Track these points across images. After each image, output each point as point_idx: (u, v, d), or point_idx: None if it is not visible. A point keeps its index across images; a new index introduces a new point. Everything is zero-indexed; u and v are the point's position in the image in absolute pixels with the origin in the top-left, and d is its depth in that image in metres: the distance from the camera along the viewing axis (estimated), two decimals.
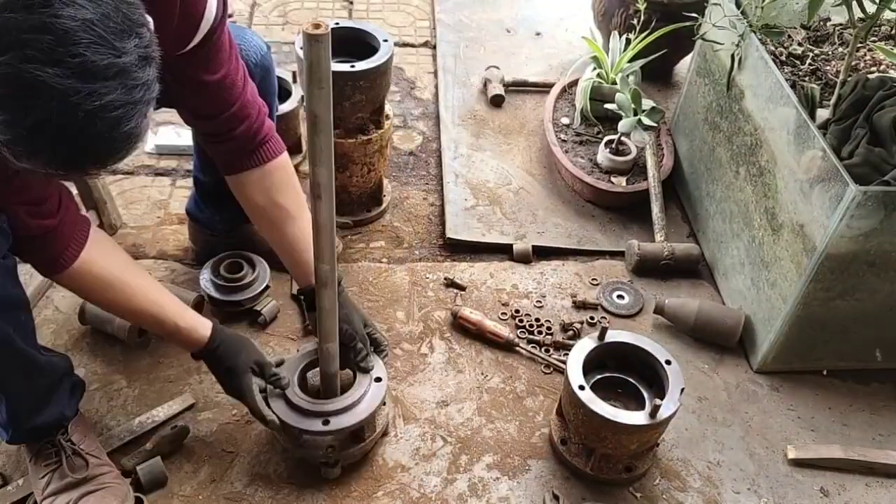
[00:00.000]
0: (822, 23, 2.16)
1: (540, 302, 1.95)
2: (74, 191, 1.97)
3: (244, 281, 1.80)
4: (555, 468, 1.61)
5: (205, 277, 1.82)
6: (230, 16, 3.00)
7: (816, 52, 2.03)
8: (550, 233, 2.14)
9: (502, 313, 1.91)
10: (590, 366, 1.57)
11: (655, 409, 1.44)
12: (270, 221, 1.51)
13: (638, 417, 1.46)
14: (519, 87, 2.61)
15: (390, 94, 2.27)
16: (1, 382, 1.34)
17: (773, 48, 2.01)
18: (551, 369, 1.80)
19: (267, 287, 1.84)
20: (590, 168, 2.25)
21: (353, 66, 1.80)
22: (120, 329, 1.71)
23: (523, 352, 1.82)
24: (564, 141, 2.33)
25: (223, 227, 1.88)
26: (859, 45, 1.82)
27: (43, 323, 1.77)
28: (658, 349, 1.57)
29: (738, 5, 1.94)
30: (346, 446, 1.54)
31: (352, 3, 3.06)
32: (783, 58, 2.00)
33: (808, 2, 1.66)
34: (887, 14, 1.72)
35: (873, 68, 1.99)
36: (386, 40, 1.88)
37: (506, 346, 1.83)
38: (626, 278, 2.03)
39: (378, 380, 1.55)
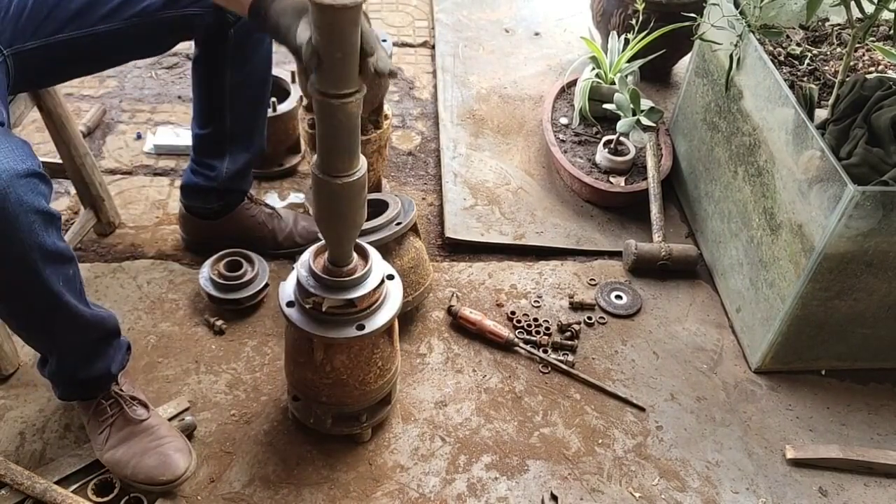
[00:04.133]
0: (820, 23, 2.17)
1: (538, 302, 1.95)
2: (73, 190, 1.97)
3: (244, 279, 1.81)
4: (554, 468, 1.62)
5: (204, 276, 1.82)
6: None
7: (815, 52, 2.04)
8: (549, 233, 2.14)
9: (500, 313, 1.91)
10: None
11: None
12: None
13: None
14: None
15: (389, 94, 2.28)
16: (50, 336, 1.38)
17: (771, 48, 2.02)
18: (549, 369, 1.80)
19: (266, 285, 1.84)
20: (588, 168, 2.25)
21: None
22: None
23: (522, 351, 1.82)
24: (563, 141, 2.33)
25: (217, 200, 1.86)
26: (857, 45, 1.82)
27: None
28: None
29: (736, 5, 1.94)
30: (375, 412, 1.60)
31: None
32: (782, 58, 2.01)
33: (807, 2, 1.66)
34: (885, 14, 1.72)
35: (871, 68, 2.00)
36: (385, 40, 1.88)
37: (504, 346, 1.83)
38: (624, 278, 2.03)
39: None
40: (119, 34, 1.48)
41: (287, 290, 1.45)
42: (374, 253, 1.44)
